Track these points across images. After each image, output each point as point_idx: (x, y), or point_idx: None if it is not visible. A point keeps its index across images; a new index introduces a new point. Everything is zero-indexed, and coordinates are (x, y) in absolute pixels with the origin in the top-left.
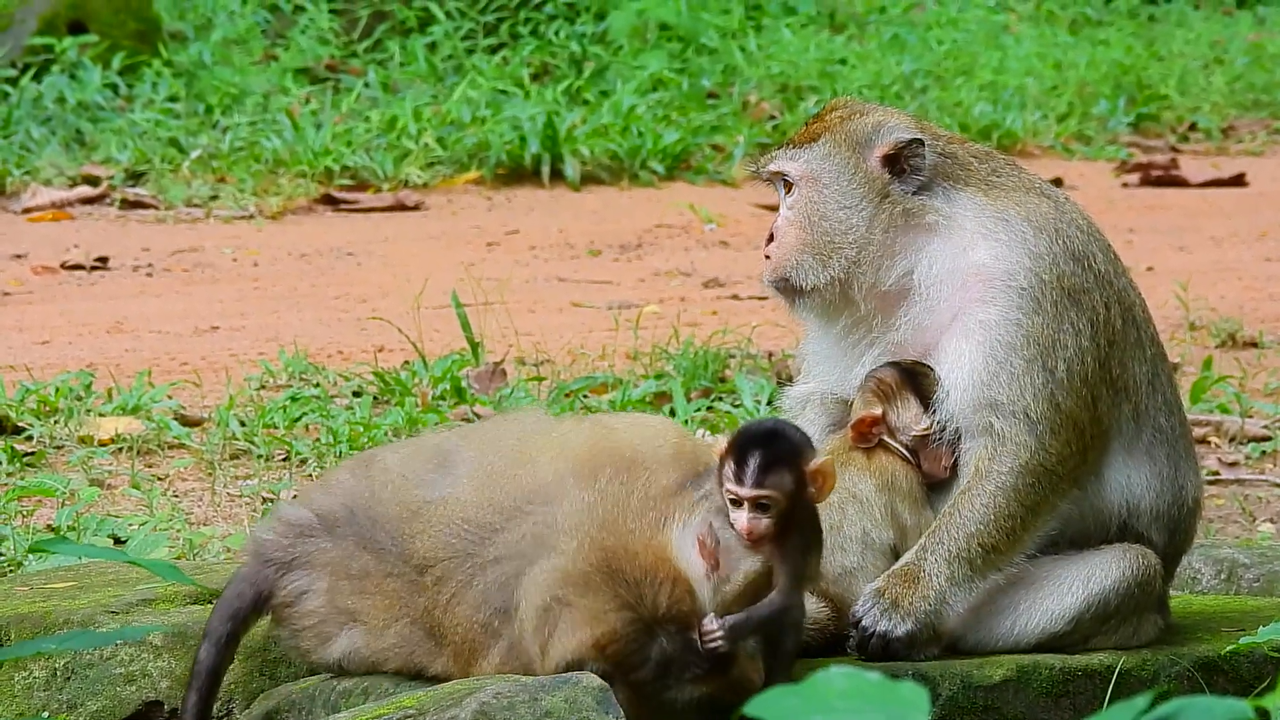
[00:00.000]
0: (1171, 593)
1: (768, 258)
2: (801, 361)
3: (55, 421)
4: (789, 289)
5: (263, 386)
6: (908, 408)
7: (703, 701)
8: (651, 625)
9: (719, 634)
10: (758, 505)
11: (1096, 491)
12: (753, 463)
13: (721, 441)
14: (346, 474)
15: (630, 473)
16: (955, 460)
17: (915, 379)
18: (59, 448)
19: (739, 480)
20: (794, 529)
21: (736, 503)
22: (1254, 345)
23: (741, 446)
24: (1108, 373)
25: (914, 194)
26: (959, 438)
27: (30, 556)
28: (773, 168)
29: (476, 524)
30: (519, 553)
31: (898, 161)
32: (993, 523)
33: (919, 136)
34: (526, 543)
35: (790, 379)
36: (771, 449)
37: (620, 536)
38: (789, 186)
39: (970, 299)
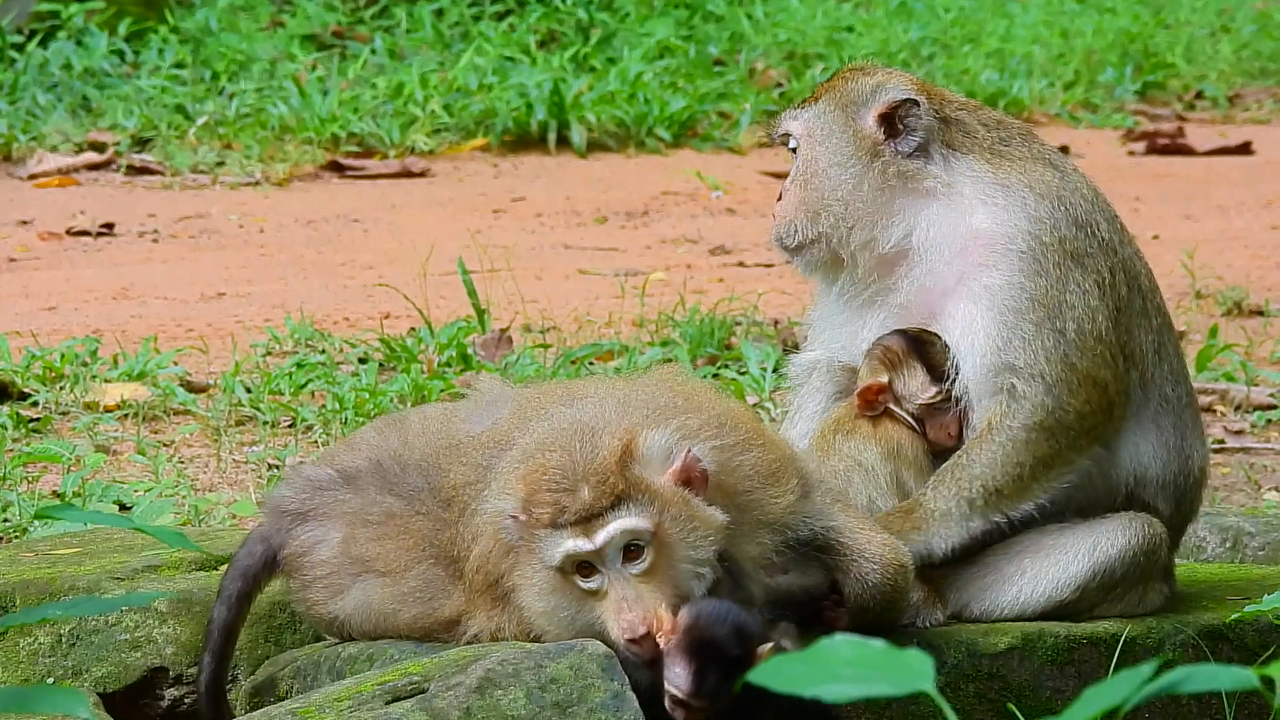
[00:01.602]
0: (1177, 561)
1: (774, 215)
2: (808, 328)
3: (61, 388)
4: (783, 247)
5: (269, 353)
6: (914, 375)
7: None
8: (577, 478)
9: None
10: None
11: (1107, 459)
12: (709, 681)
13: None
14: (373, 432)
15: (689, 401)
16: (961, 428)
17: (922, 347)
18: (65, 414)
19: (693, 692)
20: None
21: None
22: (1260, 314)
23: (699, 661)
24: (1115, 337)
25: (909, 156)
26: (967, 404)
27: (36, 523)
28: (781, 129)
29: (503, 444)
30: None
31: (893, 121)
32: (999, 468)
33: (913, 97)
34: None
35: (796, 346)
36: (725, 672)
37: (623, 417)
38: (795, 149)
39: (972, 263)
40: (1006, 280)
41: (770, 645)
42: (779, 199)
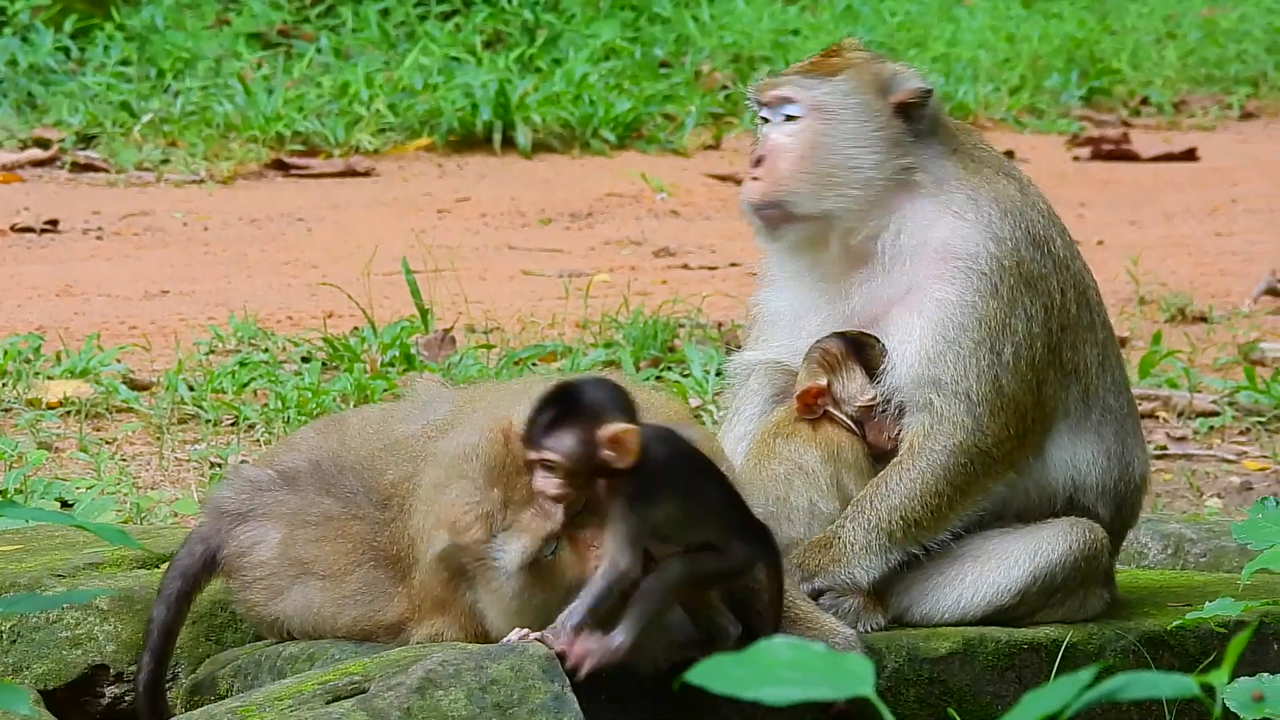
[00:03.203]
0: (1118, 567)
1: (755, 179)
2: (750, 329)
3: (3, 384)
4: (778, 213)
5: (212, 351)
6: (853, 378)
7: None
8: (482, 487)
9: (563, 644)
10: (545, 465)
11: (1040, 469)
12: (537, 422)
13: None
14: (312, 433)
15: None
16: (899, 432)
17: (860, 350)
18: (7, 410)
19: (525, 441)
20: (610, 493)
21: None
22: (1203, 320)
23: (535, 405)
24: (1058, 356)
25: (917, 151)
26: (902, 411)
27: None
28: (783, 93)
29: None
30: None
31: (908, 112)
32: (918, 498)
33: (930, 87)
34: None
35: (740, 348)
36: (558, 410)
37: (494, 417)
38: (791, 116)
39: (928, 275)
40: (959, 297)
41: (620, 429)
42: (757, 164)
